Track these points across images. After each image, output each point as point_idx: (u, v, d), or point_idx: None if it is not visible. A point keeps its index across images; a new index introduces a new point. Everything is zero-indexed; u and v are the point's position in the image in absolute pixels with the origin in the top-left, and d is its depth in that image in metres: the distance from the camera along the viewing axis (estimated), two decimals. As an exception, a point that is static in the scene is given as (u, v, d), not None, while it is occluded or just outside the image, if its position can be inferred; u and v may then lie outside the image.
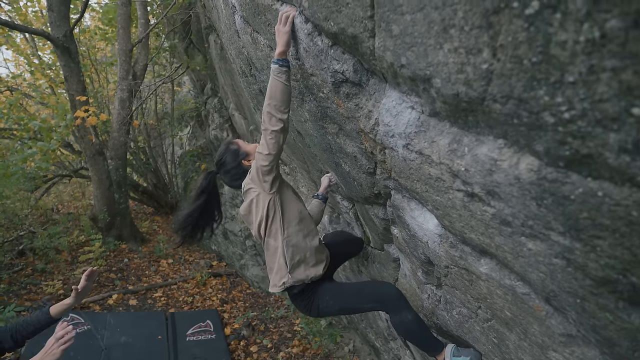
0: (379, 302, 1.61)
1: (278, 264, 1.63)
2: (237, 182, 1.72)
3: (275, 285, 1.67)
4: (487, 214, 0.89)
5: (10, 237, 5.71)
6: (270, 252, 1.65)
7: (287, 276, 1.62)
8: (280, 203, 1.58)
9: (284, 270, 1.62)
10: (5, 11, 7.10)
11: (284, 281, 1.63)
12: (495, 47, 0.63)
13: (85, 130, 5.44)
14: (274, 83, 1.36)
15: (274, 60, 1.37)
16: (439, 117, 0.93)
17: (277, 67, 1.36)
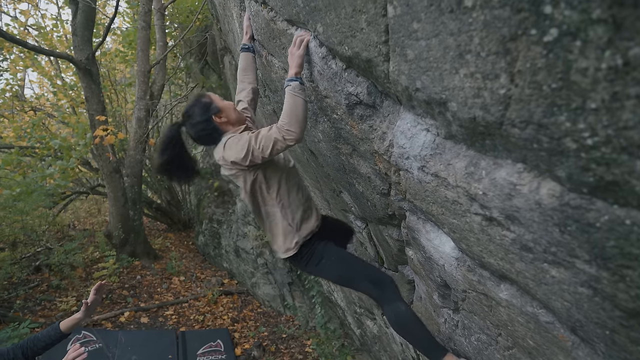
0: (375, 284, 1.59)
1: (283, 229, 1.62)
2: (204, 138, 1.60)
3: (289, 249, 1.64)
4: (507, 238, 0.86)
5: (27, 253, 5.82)
6: (270, 220, 1.64)
7: (297, 236, 1.62)
8: (264, 174, 1.56)
9: (292, 232, 1.62)
10: (32, 36, 7.47)
11: (296, 241, 1.63)
12: (513, 73, 0.63)
13: (103, 148, 5.59)
14: (295, 100, 1.37)
15: (292, 78, 1.38)
16: (455, 140, 0.92)
17: (297, 84, 1.37)
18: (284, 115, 1.39)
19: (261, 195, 1.61)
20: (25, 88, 8.85)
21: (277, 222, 1.63)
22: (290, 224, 1.62)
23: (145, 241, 6.73)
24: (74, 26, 5.18)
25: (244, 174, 1.54)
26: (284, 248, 1.65)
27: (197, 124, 1.57)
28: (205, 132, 1.57)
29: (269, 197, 1.61)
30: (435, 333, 1.77)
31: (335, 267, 1.66)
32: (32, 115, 7.41)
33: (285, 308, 5.47)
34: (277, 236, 1.67)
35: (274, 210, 1.62)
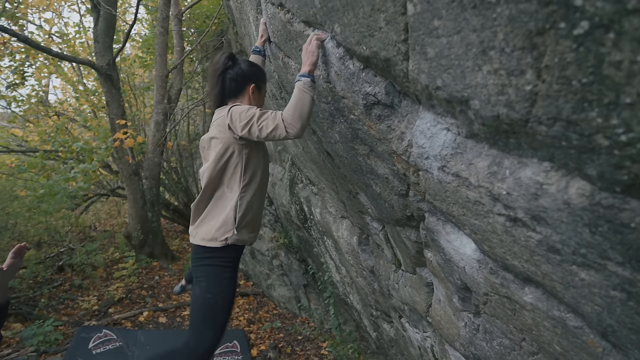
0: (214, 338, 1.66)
1: (225, 217, 1.56)
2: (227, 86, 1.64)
3: (215, 239, 1.56)
4: (533, 240, 0.84)
5: (51, 253, 6.01)
6: (218, 202, 1.59)
7: (232, 232, 1.56)
8: (246, 155, 1.55)
9: (230, 226, 1.56)
10: (56, 44, 7.73)
11: (227, 236, 1.56)
12: (539, 69, 0.61)
13: (123, 151, 5.73)
14: (304, 96, 1.38)
15: (304, 74, 1.39)
16: (477, 139, 0.90)
17: (309, 80, 1.38)
18: (289, 108, 1.40)
19: (230, 174, 1.57)
20: (49, 94, 9.16)
21: (225, 208, 1.57)
22: (235, 219, 1.57)
23: (163, 242, 6.85)
24: (96, 33, 5.34)
25: (228, 144, 1.53)
26: (211, 236, 1.57)
27: (243, 71, 1.64)
28: (233, 84, 1.64)
29: (235, 180, 1.57)
30: (454, 337, 1.74)
31: (220, 296, 1.59)
32: (56, 119, 7.66)
33: (300, 310, 5.47)
34: (212, 220, 1.59)
35: (231, 195, 1.57)
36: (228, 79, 1.63)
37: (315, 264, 5.33)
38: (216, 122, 1.61)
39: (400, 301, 2.46)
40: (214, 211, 1.60)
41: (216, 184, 1.60)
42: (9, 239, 5.63)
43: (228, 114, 1.54)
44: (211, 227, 1.57)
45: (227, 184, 1.58)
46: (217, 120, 1.61)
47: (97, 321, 4.63)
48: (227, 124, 1.52)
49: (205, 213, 1.62)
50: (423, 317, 2.15)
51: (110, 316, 4.80)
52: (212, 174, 1.57)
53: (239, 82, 1.64)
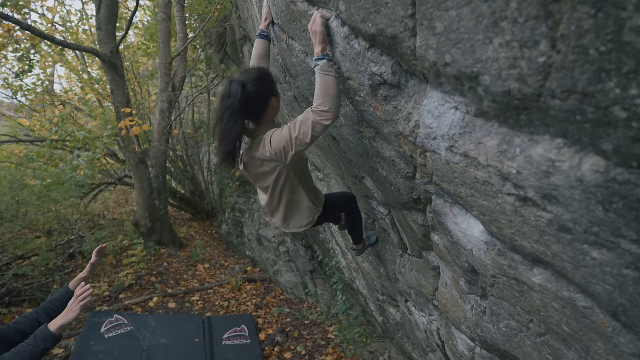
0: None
1: (307, 207, 1.86)
2: (250, 107, 1.51)
3: (311, 222, 1.91)
4: (543, 219, 0.82)
5: (62, 241, 6.11)
6: (292, 203, 1.82)
7: (317, 210, 1.90)
8: (295, 165, 1.66)
9: (314, 209, 1.88)
10: (59, 31, 7.69)
11: (317, 215, 1.91)
12: (554, 38, 0.58)
13: (129, 140, 5.75)
14: (326, 79, 1.33)
15: (320, 56, 1.34)
16: (486, 117, 0.88)
17: (326, 61, 1.33)
18: (316, 97, 1.36)
19: (290, 186, 1.72)
20: (55, 83, 9.17)
21: (302, 204, 1.84)
22: (313, 202, 1.86)
23: (171, 230, 6.92)
24: (98, 20, 5.29)
25: (279, 167, 1.59)
26: (306, 222, 1.91)
27: (259, 92, 1.50)
28: (257, 103, 1.52)
29: (297, 185, 1.75)
30: (461, 319, 1.74)
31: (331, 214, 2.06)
32: (62, 109, 7.68)
33: (307, 295, 5.54)
34: (297, 215, 1.88)
35: (300, 195, 1.80)
36: (251, 106, 1.52)
37: (322, 250, 5.36)
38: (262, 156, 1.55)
39: (406, 285, 2.47)
40: (293, 208, 1.86)
41: (280, 194, 1.76)
42: (20, 227, 5.73)
43: (270, 142, 1.50)
44: (301, 218, 1.90)
45: (291, 191, 1.77)
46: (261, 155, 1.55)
47: (109, 306, 4.73)
48: (274, 152, 1.50)
49: (285, 211, 1.86)
50: (429, 301, 2.15)
51: (121, 302, 4.90)
52: (270, 191, 1.75)
53: (260, 104, 1.54)
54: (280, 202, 1.81)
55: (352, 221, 2.46)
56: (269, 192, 1.77)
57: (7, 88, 7.18)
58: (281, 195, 1.76)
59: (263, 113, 1.56)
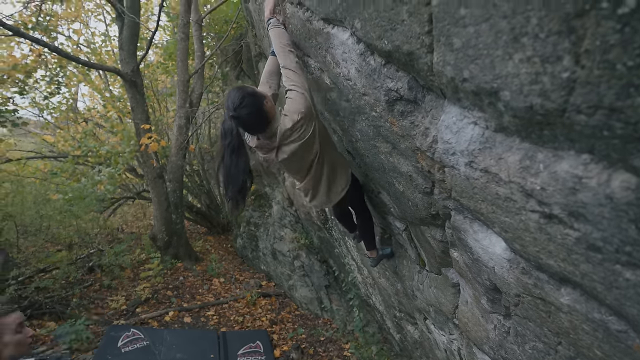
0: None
1: (343, 163, 1.99)
2: (257, 123, 1.60)
3: (349, 181, 2.01)
4: (570, 237, 0.79)
5: (82, 255, 6.24)
6: (334, 163, 1.92)
7: (348, 165, 2.03)
8: (321, 125, 1.79)
9: (346, 164, 2.02)
10: (84, 53, 8.04)
11: (347, 177, 2.01)
12: (578, 54, 0.57)
13: (147, 155, 5.89)
14: (277, 31, 1.72)
15: (268, 19, 1.79)
16: (507, 132, 0.86)
17: (274, 20, 1.77)
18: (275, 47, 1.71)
19: (327, 145, 1.85)
20: (78, 101, 9.55)
21: (339, 163, 1.97)
22: (345, 168, 2.00)
23: (187, 244, 6.99)
24: (120, 41, 5.51)
25: (312, 124, 1.67)
26: (345, 181, 2.00)
27: (251, 110, 1.55)
28: (259, 117, 1.58)
29: (330, 141, 1.90)
30: (483, 340, 1.68)
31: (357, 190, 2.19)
32: (85, 125, 7.96)
33: (322, 311, 5.46)
34: (342, 173, 1.98)
35: (335, 155, 1.95)
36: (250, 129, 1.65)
37: (337, 265, 5.30)
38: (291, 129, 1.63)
39: (425, 302, 2.41)
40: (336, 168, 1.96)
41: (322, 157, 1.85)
42: (43, 241, 5.88)
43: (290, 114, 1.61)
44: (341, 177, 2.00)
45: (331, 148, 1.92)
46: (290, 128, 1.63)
47: (126, 320, 4.77)
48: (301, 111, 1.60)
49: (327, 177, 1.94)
50: (449, 319, 2.09)
51: (138, 315, 4.93)
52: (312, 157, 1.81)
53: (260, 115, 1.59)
54: (323, 168, 1.89)
55: (363, 221, 2.44)
56: (315, 163, 1.84)
57: (35, 107, 7.50)
58: (323, 157, 1.84)
59: (267, 117, 1.62)
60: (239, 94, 1.55)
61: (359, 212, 2.40)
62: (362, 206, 2.37)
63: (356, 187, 2.18)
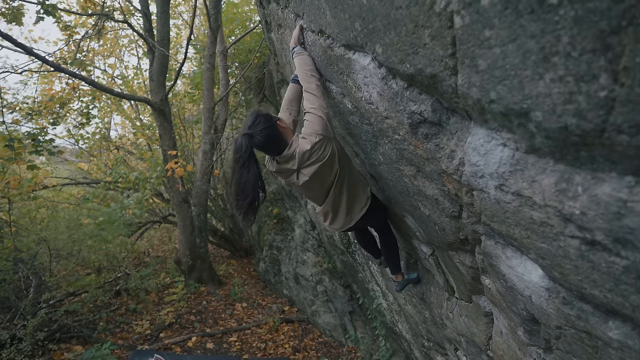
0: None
1: (362, 185, 1.95)
2: (272, 144, 1.66)
3: (369, 198, 1.96)
4: (617, 266, 0.73)
5: (109, 278, 6.38)
6: (353, 185, 1.90)
7: (367, 184, 1.99)
8: (340, 146, 1.79)
9: (366, 192, 1.96)
10: (117, 85, 8.53)
11: (367, 195, 1.96)
12: (616, 71, 0.54)
13: (174, 180, 6.06)
14: (303, 57, 1.80)
15: (293, 47, 1.87)
16: (539, 154, 0.82)
17: (299, 48, 1.84)
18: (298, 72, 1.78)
19: (346, 165, 1.83)
20: (111, 130, 10.06)
21: (358, 182, 1.93)
22: (362, 191, 1.95)
23: (211, 267, 7.03)
24: (151, 73, 5.82)
25: (332, 144, 1.70)
26: (365, 199, 1.95)
27: (265, 130, 1.63)
28: (274, 138, 1.65)
29: (348, 161, 1.88)
30: (521, 375, 1.56)
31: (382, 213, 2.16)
32: (116, 152, 8.34)
33: (347, 339, 5.28)
34: (360, 192, 1.94)
35: (354, 174, 1.91)
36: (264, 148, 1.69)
37: (361, 290, 5.16)
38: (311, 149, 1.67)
39: (455, 332, 2.28)
40: (356, 188, 1.93)
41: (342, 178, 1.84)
42: (74, 265, 6.07)
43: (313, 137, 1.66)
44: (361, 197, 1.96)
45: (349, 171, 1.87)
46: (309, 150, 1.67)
47: (149, 345, 4.77)
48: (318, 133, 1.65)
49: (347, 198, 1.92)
50: (482, 351, 1.96)
51: (161, 340, 4.93)
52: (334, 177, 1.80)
53: (272, 138, 1.65)
54: (343, 188, 1.87)
55: (387, 244, 2.36)
56: (335, 184, 1.82)
57: (71, 137, 7.94)
58: (344, 177, 1.83)
59: (281, 139, 1.68)
60: (253, 115, 1.68)
61: (382, 234, 2.33)
62: (386, 228, 2.30)
63: (377, 206, 2.12)
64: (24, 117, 6.00)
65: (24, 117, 6.00)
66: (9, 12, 4.42)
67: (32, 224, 5.80)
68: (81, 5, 6.34)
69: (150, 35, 5.78)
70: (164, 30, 5.74)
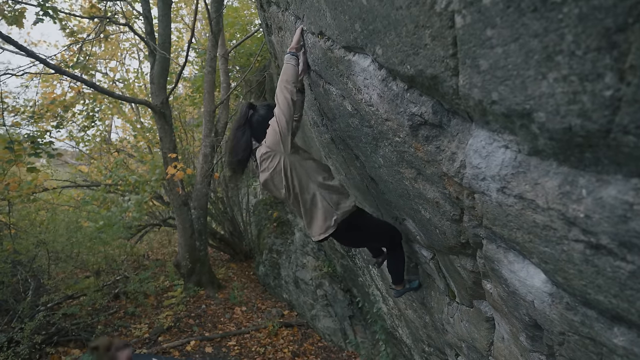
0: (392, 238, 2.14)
1: (323, 209, 1.85)
2: (257, 129, 1.85)
3: (329, 227, 1.86)
4: (622, 270, 0.71)
5: (108, 281, 6.35)
6: (308, 205, 1.85)
7: (335, 214, 1.85)
8: (299, 160, 1.80)
9: (331, 211, 1.85)
10: (119, 88, 8.55)
11: (334, 218, 1.85)
12: (622, 70, 0.53)
13: (174, 183, 6.05)
14: (286, 67, 1.76)
15: (288, 52, 1.80)
16: (542, 156, 0.81)
17: (289, 56, 1.79)
18: (279, 79, 1.74)
19: (301, 179, 1.81)
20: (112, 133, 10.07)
21: (317, 205, 1.85)
22: (330, 204, 1.85)
23: (210, 271, 7.00)
24: (152, 76, 5.83)
25: (284, 158, 1.75)
26: (320, 230, 1.88)
27: (266, 109, 1.88)
28: (261, 127, 1.83)
29: (306, 181, 1.82)
30: (523, 382, 1.53)
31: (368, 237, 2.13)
32: (117, 155, 8.34)
33: (346, 344, 5.24)
34: (315, 219, 1.88)
35: (313, 195, 1.85)
36: (254, 124, 1.87)
37: (362, 294, 5.13)
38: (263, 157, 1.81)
39: (456, 337, 2.26)
40: (312, 210, 1.89)
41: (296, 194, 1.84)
42: (73, 267, 6.04)
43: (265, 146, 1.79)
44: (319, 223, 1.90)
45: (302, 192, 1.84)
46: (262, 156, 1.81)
47: (148, 349, 4.74)
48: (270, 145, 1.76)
49: (309, 217, 1.91)
50: (484, 356, 1.94)
51: (160, 344, 4.90)
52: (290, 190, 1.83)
53: (264, 126, 1.82)
54: (299, 204, 1.87)
55: (394, 259, 2.32)
56: (288, 197, 1.86)
57: (72, 140, 7.95)
58: (297, 196, 1.84)
59: (265, 133, 1.79)
60: (269, 102, 1.94)
61: (390, 249, 2.29)
62: (393, 245, 2.23)
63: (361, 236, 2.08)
64: (25, 120, 6.01)
65: (25, 120, 6.01)
66: (10, 14, 4.43)
67: (31, 227, 5.79)
68: (85, 12, 6.37)
69: (152, 38, 5.80)
70: (165, 33, 5.76)
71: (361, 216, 2.00)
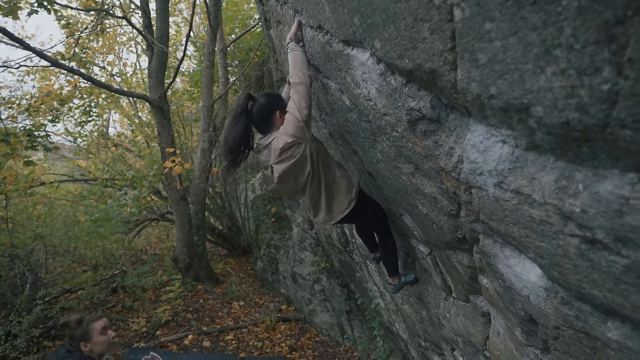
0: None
1: (344, 184, 1.93)
2: (258, 119, 1.78)
3: (352, 200, 1.93)
4: (617, 265, 0.71)
5: (106, 275, 6.35)
6: (331, 183, 1.89)
7: (353, 185, 1.96)
8: (317, 143, 1.81)
9: (349, 185, 1.95)
10: (116, 82, 8.50)
11: (354, 190, 1.95)
12: (620, 63, 0.53)
13: (172, 178, 6.04)
14: (295, 53, 1.74)
15: (288, 42, 1.79)
16: (540, 151, 0.81)
17: (293, 44, 1.77)
18: (290, 68, 1.73)
19: (323, 166, 1.83)
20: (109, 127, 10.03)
21: (338, 181, 1.92)
22: (348, 180, 1.95)
23: (208, 266, 7.01)
24: (150, 69, 5.79)
25: (308, 146, 1.73)
26: (348, 200, 1.93)
27: (265, 99, 1.80)
28: (266, 111, 1.77)
29: (327, 165, 1.86)
30: (518, 376, 1.55)
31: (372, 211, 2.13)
32: (114, 150, 8.31)
33: (343, 338, 5.27)
34: (341, 194, 1.93)
35: (334, 173, 1.90)
36: (254, 116, 1.79)
37: (359, 290, 5.15)
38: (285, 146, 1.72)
39: (452, 332, 2.27)
40: (333, 189, 1.93)
41: (319, 177, 1.86)
42: (70, 262, 6.04)
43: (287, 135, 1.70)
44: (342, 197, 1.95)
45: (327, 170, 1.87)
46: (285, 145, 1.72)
47: (146, 343, 4.75)
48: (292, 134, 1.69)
49: (326, 196, 1.93)
50: (479, 351, 1.95)
51: (158, 338, 4.91)
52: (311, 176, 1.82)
53: (265, 115, 1.78)
54: (320, 188, 1.88)
55: (387, 246, 2.35)
56: (309, 184, 1.84)
57: (69, 135, 7.90)
58: (319, 178, 1.85)
59: (268, 125, 1.78)
60: (270, 91, 1.92)
61: (380, 235, 2.32)
62: (384, 229, 2.28)
63: (370, 209, 2.12)
64: (21, 114, 5.97)
65: (21, 114, 5.97)
66: (6, 4, 4.38)
67: (28, 221, 5.77)
68: (82, 4, 6.31)
69: (150, 32, 5.75)
70: (163, 27, 5.71)
71: (362, 190, 2.09)
